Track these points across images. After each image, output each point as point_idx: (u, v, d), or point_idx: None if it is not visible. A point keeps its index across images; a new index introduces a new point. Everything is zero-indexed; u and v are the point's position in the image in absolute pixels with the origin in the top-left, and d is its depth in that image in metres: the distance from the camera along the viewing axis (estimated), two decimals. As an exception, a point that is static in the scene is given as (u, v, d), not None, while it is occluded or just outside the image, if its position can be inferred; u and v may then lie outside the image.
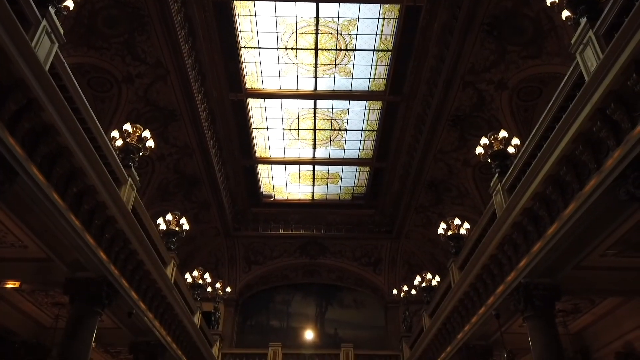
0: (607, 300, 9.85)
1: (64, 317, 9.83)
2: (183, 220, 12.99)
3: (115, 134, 9.80)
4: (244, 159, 18.21)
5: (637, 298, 9.37)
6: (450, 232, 12.72)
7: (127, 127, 9.74)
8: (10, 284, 8.55)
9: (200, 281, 16.06)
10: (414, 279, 16.97)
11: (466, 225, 12.82)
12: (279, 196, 20.99)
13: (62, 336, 8.34)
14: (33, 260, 8.23)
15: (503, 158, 9.58)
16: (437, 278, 16.01)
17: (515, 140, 9.83)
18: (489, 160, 9.88)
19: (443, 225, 12.97)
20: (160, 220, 12.65)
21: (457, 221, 12.85)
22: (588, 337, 11.18)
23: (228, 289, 19.55)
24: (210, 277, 17.07)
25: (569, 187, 6.97)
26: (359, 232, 21.76)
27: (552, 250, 7.63)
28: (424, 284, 15.99)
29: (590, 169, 6.41)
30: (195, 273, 16.21)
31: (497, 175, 9.42)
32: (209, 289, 17.69)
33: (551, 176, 7.13)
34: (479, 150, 10.12)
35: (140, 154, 9.87)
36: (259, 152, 18.27)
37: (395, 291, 20.36)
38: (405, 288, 18.60)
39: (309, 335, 22.03)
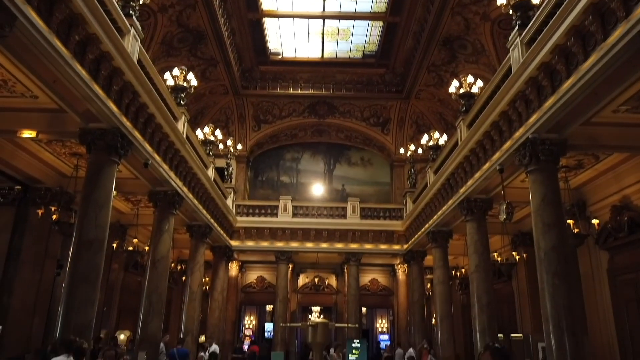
0: (611, 156, 10.01)
1: (83, 167, 10.26)
2: (190, 76, 12.78)
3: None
4: (250, 12, 17.26)
5: (642, 154, 9.54)
6: (462, 90, 12.53)
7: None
8: (26, 133, 8.78)
9: (212, 137, 16.38)
10: (421, 139, 17.19)
11: (479, 83, 12.56)
12: (288, 54, 20.33)
13: (84, 184, 8.80)
14: (45, 110, 8.36)
15: (526, 9, 9.02)
16: (445, 137, 16.20)
17: (541, -11, 9.11)
18: (511, 12, 9.33)
19: (455, 83, 12.73)
20: (167, 76, 12.46)
21: (470, 79, 12.57)
22: (586, 192, 11.61)
23: (239, 146, 20.05)
24: (221, 134, 17.38)
25: (591, 38, 6.65)
26: (368, 91, 21.47)
27: (564, 105, 7.54)
28: (431, 143, 16.23)
29: (617, 17, 6.06)
30: (206, 129, 16.47)
31: (517, 28, 8.96)
32: (221, 146, 18.15)
33: (575, 27, 6.78)
34: (501, 0, 9.47)
35: (141, 1, 9.36)
36: (266, 5, 17.24)
37: (402, 150, 20.82)
38: (412, 147, 18.96)
39: (317, 190, 23.15)
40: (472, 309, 11.91)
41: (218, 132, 16.99)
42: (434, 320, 19.61)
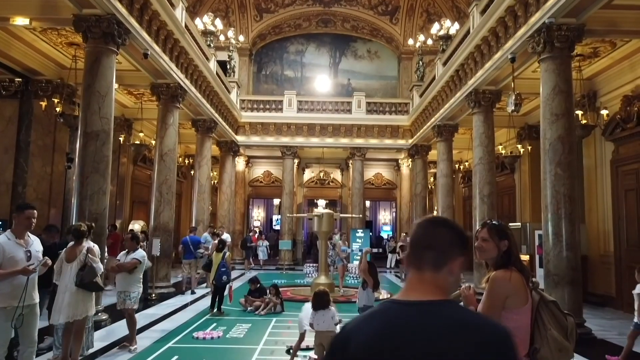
0: (629, 43, 9.58)
1: (81, 58, 9.98)
2: (186, -42, 11.93)
3: None
4: None
5: (662, 42, 9.10)
6: (477, -28, 11.67)
7: None
8: (19, 19, 8.42)
9: (212, 27, 15.71)
10: (431, 28, 16.41)
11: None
12: None
13: (84, 75, 8.60)
14: (35, -5, 7.94)
15: None
16: (456, 26, 15.44)
17: None
18: None
19: (470, -36, 11.83)
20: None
21: (486, -41, 11.64)
22: (598, 83, 11.30)
23: (241, 38, 19.33)
24: (222, 24, 16.64)
25: None
26: (377, -24, 20.12)
27: (586, -15, 7.05)
28: (441, 32, 15.52)
29: None
30: (206, 19, 15.74)
31: None
32: (222, 37, 17.48)
33: None
34: None
35: None
36: None
37: (411, 41, 20.01)
38: (421, 38, 18.19)
39: (322, 84, 22.69)
40: (474, 199, 12.22)
41: (218, 22, 16.26)
42: (435, 212, 20.28)
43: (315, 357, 5.77)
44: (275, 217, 28.05)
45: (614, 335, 7.68)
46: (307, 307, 6.38)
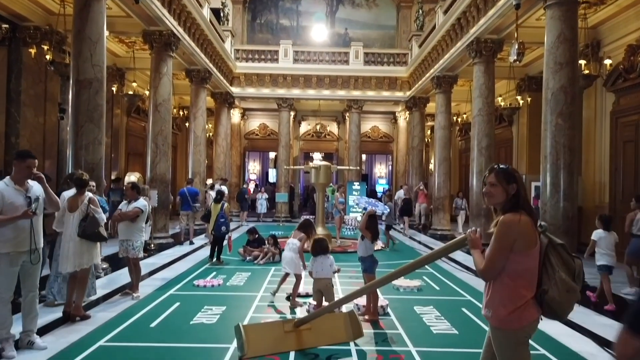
0: (638, -10, 9.30)
1: (70, 3, 9.57)
2: None
3: None
4: None
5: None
6: None
7: None
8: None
9: (204, -28, 15.04)
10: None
11: None
12: None
13: (73, 20, 8.25)
14: None
15: None
16: (458, -28, 14.86)
17: None
18: None
19: None
20: None
21: None
22: (603, 32, 11.03)
23: (234, -16, 18.56)
24: (214, -32, 15.95)
25: None
26: None
27: None
28: (442, -22, 14.95)
29: None
30: (197, -37, 15.04)
31: None
32: (215, -17, 16.80)
33: None
34: None
35: None
36: None
37: (410, -12, 19.33)
38: (421, -15, 17.56)
39: (319, 34, 22.08)
40: (472, 151, 12.19)
41: (211, -34, 15.56)
42: (431, 165, 20.32)
43: (314, 303, 5.89)
44: (271, 171, 28.06)
45: (623, 289, 7.86)
46: (290, 246, 6.49)
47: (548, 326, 4.90)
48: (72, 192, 5.59)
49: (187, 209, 12.40)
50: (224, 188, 13.56)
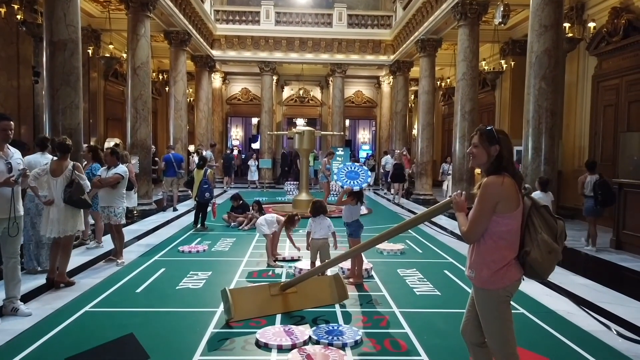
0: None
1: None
2: None
3: None
4: None
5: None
6: None
7: None
8: None
9: None
10: None
11: None
12: None
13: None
14: None
15: None
16: None
17: None
18: None
19: None
20: None
21: None
22: (588, -6, 10.99)
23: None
24: None
25: None
26: None
27: None
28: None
29: None
30: None
31: None
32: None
33: None
34: None
35: None
36: None
37: (395, -52, 18.83)
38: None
39: (301, -5, 21.49)
40: (455, 116, 12.20)
41: None
42: (414, 130, 20.34)
43: (301, 268, 5.96)
44: (255, 136, 27.78)
45: (582, 245, 8.09)
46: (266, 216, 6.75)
47: (527, 286, 5.05)
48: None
49: (172, 175, 12.25)
50: (209, 153, 13.41)
